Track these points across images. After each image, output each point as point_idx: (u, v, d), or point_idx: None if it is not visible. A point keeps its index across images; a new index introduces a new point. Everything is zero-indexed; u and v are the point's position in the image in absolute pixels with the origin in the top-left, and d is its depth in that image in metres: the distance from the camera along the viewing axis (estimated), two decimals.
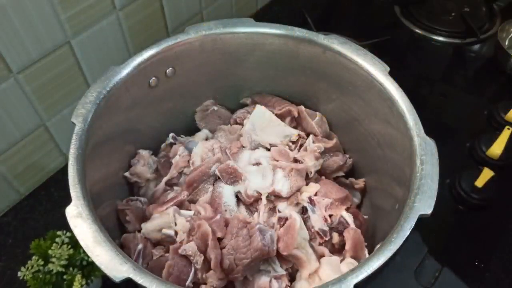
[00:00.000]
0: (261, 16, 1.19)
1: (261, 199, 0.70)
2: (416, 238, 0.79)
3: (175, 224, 0.66)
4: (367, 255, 0.66)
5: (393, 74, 0.68)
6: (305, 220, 0.69)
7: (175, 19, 0.94)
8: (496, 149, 0.88)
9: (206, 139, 0.81)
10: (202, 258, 0.61)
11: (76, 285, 0.62)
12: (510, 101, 0.97)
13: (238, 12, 1.13)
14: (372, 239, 0.70)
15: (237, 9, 1.12)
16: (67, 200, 0.54)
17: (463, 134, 0.95)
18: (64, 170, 0.57)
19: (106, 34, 0.80)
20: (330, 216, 0.69)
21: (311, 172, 0.73)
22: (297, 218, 0.65)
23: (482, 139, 0.91)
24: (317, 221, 0.68)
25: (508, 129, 0.91)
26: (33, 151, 0.81)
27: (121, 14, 0.81)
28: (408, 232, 0.53)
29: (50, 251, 0.63)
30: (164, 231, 0.66)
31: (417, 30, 1.17)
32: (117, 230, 0.70)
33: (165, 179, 0.75)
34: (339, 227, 0.69)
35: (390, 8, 1.24)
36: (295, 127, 0.81)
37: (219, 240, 0.64)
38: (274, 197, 0.70)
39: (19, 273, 0.63)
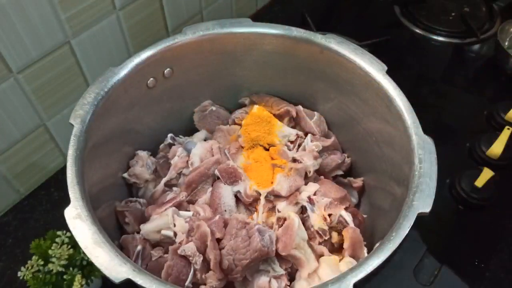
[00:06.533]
0: (261, 16, 1.20)
1: (260, 199, 0.70)
2: (415, 237, 0.79)
3: (174, 225, 0.66)
4: (366, 254, 0.66)
5: (393, 74, 0.68)
6: (305, 220, 0.69)
7: (175, 19, 0.94)
8: (496, 149, 0.88)
9: (205, 140, 0.82)
10: (201, 258, 0.62)
11: (76, 285, 0.62)
12: (510, 101, 0.97)
13: (238, 12, 1.13)
14: (371, 238, 0.70)
15: (237, 9, 1.12)
16: (67, 200, 0.55)
17: (463, 134, 0.95)
18: (64, 170, 0.57)
19: (106, 34, 0.81)
20: (329, 215, 0.69)
21: (310, 172, 0.73)
22: (295, 219, 0.65)
23: (482, 139, 0.91)
24: (316, 221, 0.68)
25: (508, 129, 0.91)
26: (33, 151, 0.81)
27: (121, 14, 0.81)
28: (407, 231, 0.53)
29: (50, 251, 0.63)
30: (163, 232, 0.67)
31: (417, 30, 1.17)
32: (116, 232, 0.70)
33: (164, 180, 0.75)
34: (339, 226, 0.69)
35: (390, 8, 1.24)
36: (293, 127, 0.82)
37: (218, 240, 0.64)
38: (274, 196, 0.70)
39: (19, 273, 0.63)
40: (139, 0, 0.83)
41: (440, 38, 1.16)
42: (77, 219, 0.53)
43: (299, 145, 0.78)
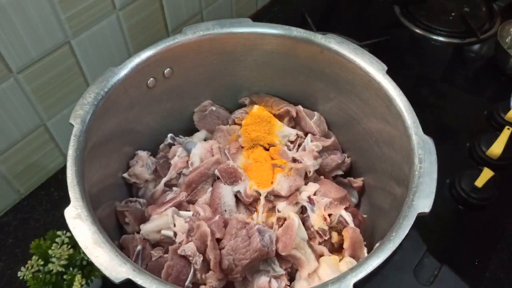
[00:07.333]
0: (261, 16, 1.20)
1: (260, 199, 0.70)
2: (416, 237, 0.79)
3: (174, 225, 0.66)
4: (366, 254, 0.66)
5: (393, 74, 0.68)
6: (305, 220, 0.69)
7: (175, 19, 0.94)
8: (496, 149, 0.88)
9: (205, 140, 0.82)
10: (201, 258, 0.62)
11: (76, 285, 0.62)
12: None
13: (238, 12, 1.13)
14: (371, 238, 0.70)
15: (237, 9, 1.12)
16: (67, 200, 0.55)
17: (463, 134, 0.95)
18: (64, 170, 0.57)
19: (106, 34, 0.81)
20: (329, 215, 0.69)
21: (310, 172, 0.73)
22: (295, 219, 0.65)
23: (482, 139, 0.91)
24: (316, 221, 0.68)
25: (508, 129, 0.91)
26: (33, 151, 0.81)
27: (121, 14, 0.81)
28: (407, 231, 0.53)
29: (50, 251, 0.63)
30: (163, 232, 0.67)
31: (417, 30, 1.17)
32: (116, 231, 0.70)
33: (164, 180, 0.75)
34: (339, 226, 0.69)
35: (390, 8, 1.24)
36: (293, 127, 0.82)
37: (218, 240, 0.64)
38: (274, 196, 0.70)
39: (19, 273, 0.63)
40: (139, 0, 0.83)
41: (440, 38, 1.16)
42: (77, 219, 0.53)
43: (299, 145, 0.78)
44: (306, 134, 0.79)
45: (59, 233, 0.65)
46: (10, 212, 0.83)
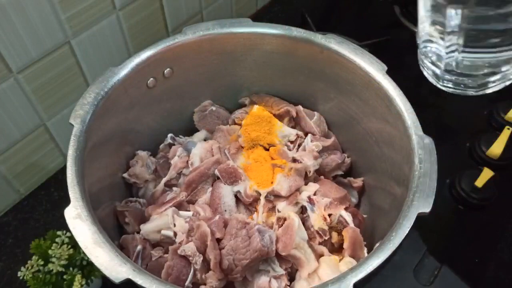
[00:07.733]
0: (261, 16, 1.20)
1: (260, 199, 0.70)
2: (416, 238, 0.79)
3: (174, 225, 0.66)
4: (366, 254, 0.66)
5: (393, 74, 0.68)
6: (305, 220, 0.69)
7: (175, 19, 0.94)
8: (496, 149, 0.88)
9: (205, 140, 0.82)
10: (201, 258, 0.62)
11: (76, 285, 0.62)
12: (510, 101, 0.96)
13: (238, 12, 1.13)
14: (371, 238, 0.70)
15: (237, 9, 1.12)
16: (67, 200, 0.55)
17: (463, 134, 0.95)
18: (64, 170, 0.57)
19: (106, 34, 0.81)
20: (329, 215, 0.69)
21: (310, 172, 0.73)
22: (295, 219, 0.65)
23: (482, 139, 0.91)
24: (316, 221, 0.68)
25: (508, 129, 0.91)
26: (33, 151, 0.81)
27: (121, 14, 0.81)
28: (407, 231, 0.53)
29: (50, 251, 0.63)
30: (163, 232, 0.67)
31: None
32: (116, 231, 0.70)
33: (164, 180, 0.75)
34: (339, 226, 0.69)
35: (390, 8, 1.23)
36: (293, 127, 0.82)
37: (218, 240, 0.64)
38: (274, 196, 0.70)
39: (19, 273, 0.63)
40: (139, 0, 0.83)
41: None
42: (77, 219, 0.53)
43: (299, 145, 0.78)
44: (306, 134, 0.79)
45: (59, 233, 0.65)
46: (10, 212, 0.83)
